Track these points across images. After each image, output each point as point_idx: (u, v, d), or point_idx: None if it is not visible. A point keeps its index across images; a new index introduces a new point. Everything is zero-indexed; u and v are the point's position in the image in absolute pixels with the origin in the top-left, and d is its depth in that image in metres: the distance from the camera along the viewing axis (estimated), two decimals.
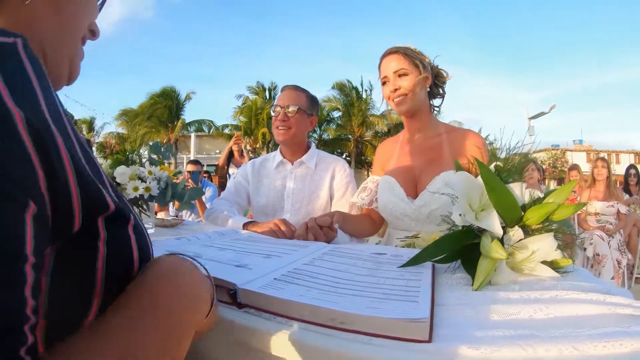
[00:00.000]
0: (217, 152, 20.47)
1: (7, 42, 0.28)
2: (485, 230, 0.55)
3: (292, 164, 1.44)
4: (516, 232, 0.56)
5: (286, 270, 0.55)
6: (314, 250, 0.73)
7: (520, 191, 0.60)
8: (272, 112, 1.43)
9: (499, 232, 0.54)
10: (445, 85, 1.17)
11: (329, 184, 1.41)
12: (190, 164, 3.60)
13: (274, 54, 59.42)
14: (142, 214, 1.13)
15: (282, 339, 0.39)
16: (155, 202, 1.14)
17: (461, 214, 0.58)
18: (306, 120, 1.42)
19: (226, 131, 21.86)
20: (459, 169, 0.68)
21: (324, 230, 0.94)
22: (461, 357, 0.34)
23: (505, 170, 0.65)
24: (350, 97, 21.47)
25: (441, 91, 1.17)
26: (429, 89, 1.14)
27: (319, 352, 0.37)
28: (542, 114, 12.13)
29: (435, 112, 1.20)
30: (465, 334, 0.37)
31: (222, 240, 0.84)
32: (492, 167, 0.66)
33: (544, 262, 0.57)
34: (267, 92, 21.89)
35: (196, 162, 3.65)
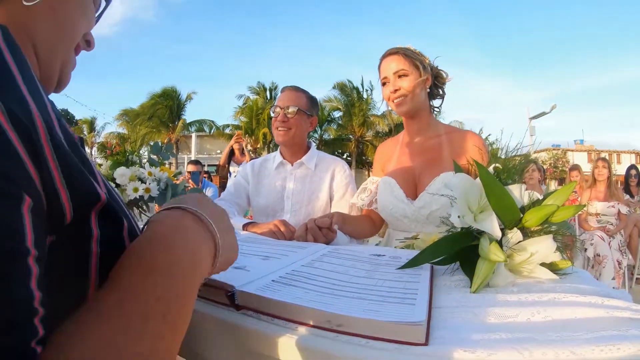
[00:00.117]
0: (218, 152, 20.47)
1: None
2: (483, 232, 0.55)
3: (292, 165, 1.44)
4: (515, 234, 0.56)
5: (284, 272, 0.55)
6: (313, 251, 0.72)
7: (519, 193, 0.60)
8: (272, 113, 1.42)
9: (498, 234, 0.54)
10: (445, 86, 1.17)
11: (328, 185, 1.41)
12: (190, 164, 3.61)
13: (274, 54, 59.57)
14: (142, 215, 1.13)
15: (280, 341, 0.39)
16: (155, 203, 1.14)
17: (460, 216, 0.57)
18: (306, 121, 1.42)
19: (227, 131, 21.92)
20: (458, 170, 0.68)
21: (323, 231, 0.94)
22: None
23: (505, 171, 0.65)
24: (351, 97, 21.49)
25: (441, 92, 1.17)
26: (428, 89, 1.13)
27: (316, 354, 0.37)
28: (543, 113, 12.10)
29: (435, 113, 1.20)
30: (462, 337, 0.37)
31: None
32: (491, 168, 0.66)
33: (543, 264, 0.57)
34: (267, 92, 21.96)
35: (196, 163, 3.66)
